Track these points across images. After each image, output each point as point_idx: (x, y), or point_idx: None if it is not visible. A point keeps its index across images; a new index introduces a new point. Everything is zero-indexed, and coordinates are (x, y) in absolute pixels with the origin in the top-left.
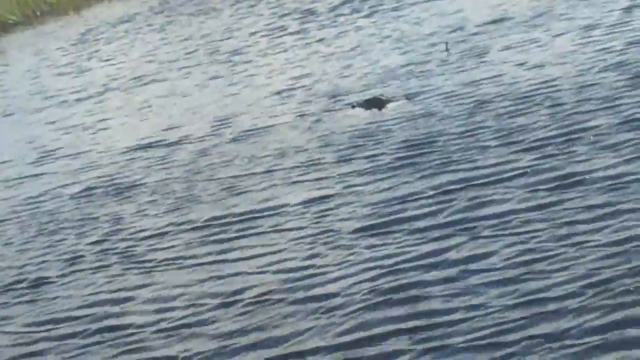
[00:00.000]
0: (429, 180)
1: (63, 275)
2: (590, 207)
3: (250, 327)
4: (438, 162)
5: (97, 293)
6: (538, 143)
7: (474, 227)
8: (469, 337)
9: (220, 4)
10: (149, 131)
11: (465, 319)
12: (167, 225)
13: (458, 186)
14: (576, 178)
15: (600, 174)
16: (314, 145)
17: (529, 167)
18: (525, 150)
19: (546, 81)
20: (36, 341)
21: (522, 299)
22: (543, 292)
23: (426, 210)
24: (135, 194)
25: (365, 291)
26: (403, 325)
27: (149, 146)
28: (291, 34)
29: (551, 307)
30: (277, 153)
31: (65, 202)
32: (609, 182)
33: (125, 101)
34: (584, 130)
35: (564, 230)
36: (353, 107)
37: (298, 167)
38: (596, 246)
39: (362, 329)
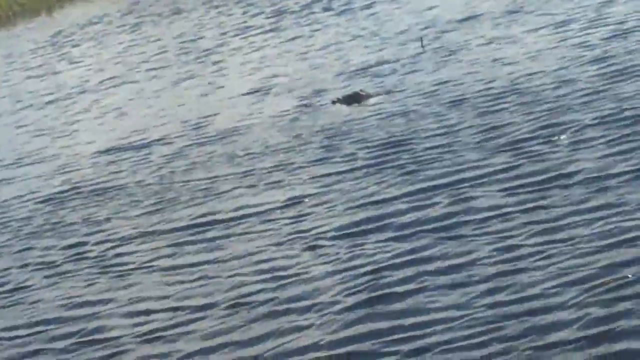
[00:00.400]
0: (409, 180)
1: (38, 282)
2: (573, 206)
3: (229, 333)
4: (418, 161)
5: (73, 299)
6: (518, 140)
7: (456, 229)
8: (452, 345)
9: (191, 4)
10: (121, 133)
11: (450, 328)
12: (142, 229)
13: (439, 188)
14: (560, 180)
15: (582, 172)
16: (292, 145)
17: (509, 166)
18: (505, 148)
19: (524, 77)
20: (13, 347)
21: (505, 307)
22: (529, 301)
23: (406, 212)
24: (110, 198)
25: (344, 296)
26: (385, 331)
27: (122, 149)
28: (264, 32)
29: (538, 312)
30: (253, 154)
31: (37, 206)
32: (591, 180)
33: (97, 103)
34: (564, 127)
35: (547, 230)
36: (333, 102)
37: (275, 168)
38: (581, 247)
39: (341, 337)
